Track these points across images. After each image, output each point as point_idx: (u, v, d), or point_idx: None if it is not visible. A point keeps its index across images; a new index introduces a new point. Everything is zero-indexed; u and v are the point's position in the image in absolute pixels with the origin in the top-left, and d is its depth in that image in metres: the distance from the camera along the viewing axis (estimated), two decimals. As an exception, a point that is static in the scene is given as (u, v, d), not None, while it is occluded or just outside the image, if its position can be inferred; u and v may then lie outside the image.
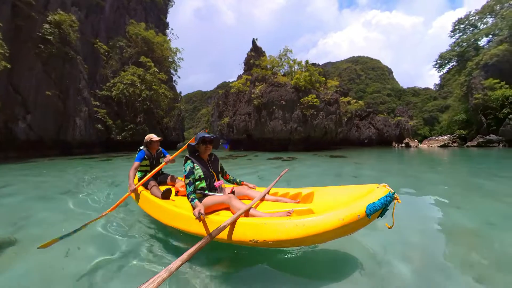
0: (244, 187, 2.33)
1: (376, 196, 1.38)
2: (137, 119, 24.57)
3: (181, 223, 1.92)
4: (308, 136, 17.83)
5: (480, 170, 7.49)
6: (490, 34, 34.62)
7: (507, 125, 22.75)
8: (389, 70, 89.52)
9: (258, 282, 1.53)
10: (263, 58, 21.73)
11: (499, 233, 2.34)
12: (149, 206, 2.39)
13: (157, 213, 2.23)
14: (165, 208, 2.12)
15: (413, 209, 3.17)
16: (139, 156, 2.91)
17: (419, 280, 1.53)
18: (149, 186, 2.72)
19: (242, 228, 1.54)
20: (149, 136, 2.99)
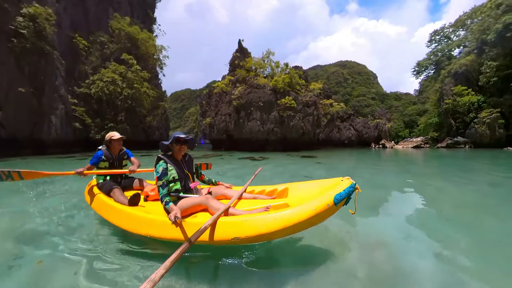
0: (221, 187, 2.32)
1: (341, 187, 1.58)
2: (118, 118, 24.11)
3: (155, 230, 1.79)
4: (285, 137, 18.57)
5: (428, 171, 8.48)
6: (462, 46, 38.14)
7: (472, 128, 25.10)
8: (374, 75, 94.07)
9: (237, 280, 1.56)
10: (248, 59, 22.39)
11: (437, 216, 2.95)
12: (115, 215, 2.15)
13: (125, 222, 2.02)
14: (135, 216, 1.95)
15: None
16: (95, 157, 2.56)
17: (378, 259, 1.81)
18: (112, 192, 2.42)
19: (223, 227, 1.57)
20: (109, 134, 2.67)
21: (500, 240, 2.26)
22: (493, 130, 23.90)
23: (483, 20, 29.31)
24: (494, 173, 7.18)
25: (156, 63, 31.13)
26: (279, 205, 1.83)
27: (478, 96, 26.52)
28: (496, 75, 25.48)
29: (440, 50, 42.12)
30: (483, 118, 24.46)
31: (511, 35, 24.00)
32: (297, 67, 22.67)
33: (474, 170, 8.15)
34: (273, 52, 21.03)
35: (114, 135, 2.66)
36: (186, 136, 2.04)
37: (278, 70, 20.86)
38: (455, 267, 1.72)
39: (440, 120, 31.47)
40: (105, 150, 2.62)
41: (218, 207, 1.77)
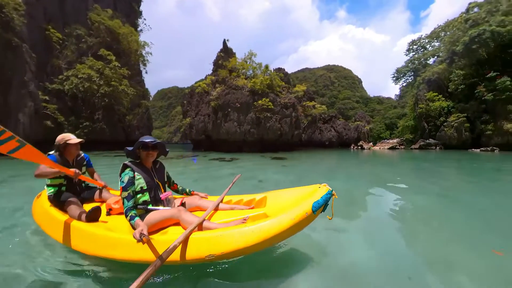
0: (195, 197, 2.14)
1: (319, 195, 1.60)
2: (95, 116, 23.24)
3: (118, 250, 1.57)
4: (262, 138, 18.90)
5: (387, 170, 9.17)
6: (436, 55, 41.38)
7: (442, 131, 27.19)
8: (359, 79, 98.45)
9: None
10: (232, 59, 22.62)
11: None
12: (68, 234, 1.81)
13: (81, 243, 1.74)
14: (93, 234, 1.69)
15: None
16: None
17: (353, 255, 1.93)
18: (66, 205, 2.06)
19: (196, 244, 1.45)
20: (63, 137, 2.22)
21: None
22: (460, 133, 26.06)
23: (454, 33, 31.95)
24: (448, 176, 7.86)
25: (139, 59, 30.37)
26: (258, 215, 1.76)
27: (448, 101, 28.77)
28: (463, 83, 27.85)
29: (417, 59, 45.24)
30: (452, 122, 26.60)
31: (476, 47, 26.36)
32: (279, 69, 23.26)
33: (433, 172, 8.80)
34: (255, 54, 21.45)
35: (70, 139, 2.21)
36: (153, 140, 1.84)
37: (259, 71, 21.26)
38: (430, 264, 1.87)
39: (415, 123, 33.76)
40: (57, 156, 2.18)
41: (191, 220, 1.62)
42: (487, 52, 25.67)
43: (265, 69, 20.94)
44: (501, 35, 24.40)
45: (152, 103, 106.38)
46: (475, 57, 26.70)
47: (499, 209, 3.54)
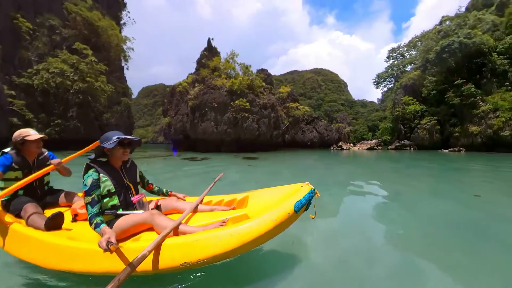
0: (173, 198, 2.01)
1: (301, 194, 1.54)
2: (69, 114, 22.06)
3: (81, 262, 1.42)
4: (239, 138, 18.97)
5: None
6: (412, 63, 44.31)
7: (415, 132, 28.99)
8: (345, 83, 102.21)
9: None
10: (215, 58, 22.60)
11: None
12: (24, 246, 1.60)
13: (39, 255, 1.53)
14: (53, 245, 1.50)
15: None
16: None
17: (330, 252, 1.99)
18: (23, 212, 1.79)
19: (170, 251, 1.33)
20: (20, 133, 1.95)
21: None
22: (431, 135, 27.96)
23: (428, 43, 34.28)
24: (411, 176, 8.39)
25: (120, 54, 29.30)
26: (238, 216, 1.68)
27: (422, 105, 30.74)
28: (435, 88, 29.90)
29: (396, 65, 48.13)
30: (424, 124, 28.46)
31: (446, 56, 28.49)
32: (262, 70, 23.57)
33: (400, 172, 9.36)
34: (237, 54, 21.61)
35: (28, 134, 1.94)
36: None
37: (240, 71, 21.41)
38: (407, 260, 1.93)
39: (393, 125, 35.76)
40: (14, 155, 1.91)
41: (165, 225, 1.49)
42: (455, 61, 27.73)
43: (245, 69, 21.11)
44: (468, 46, 26.54)
45: (136, 101, 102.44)
46: (445, 65, 28.78)
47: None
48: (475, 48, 26.32)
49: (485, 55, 26.15)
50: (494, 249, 2.10)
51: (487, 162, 11.46)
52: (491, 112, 23.24)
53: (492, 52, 26.05)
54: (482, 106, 24.22)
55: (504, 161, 12.00)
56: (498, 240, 2.28)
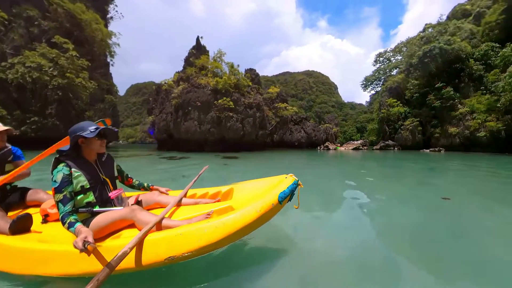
0: (155, 192, 1.91)
1: (285, 185, 1.58)
2: (47, 111, 20.95)
3: (55, 265, 1.32)
4: (223, 138, 18.68)
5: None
6: (397, 67, 46.01)
7: (399, 133, 29.91)
8: (335, 86, 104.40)
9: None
10: (202, 57, 22.23)
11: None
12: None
13: (5, 261, 1.42)
14: (21, 250, 1.38)
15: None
16: None
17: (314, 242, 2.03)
18: None
19: (153, 246, 1.29)
20: None
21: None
22: (414, 135, 28.93)
23: (411, 48, 35.71)
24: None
25: (106, 50, 28.23)
26: (223, 208, 1.67)
27: (405, 107, 31.80)
28: (417, 91, 31.04)
29: (382, 69, 49.83)
30: (407, 125, 29.42)
31: (427, 61, 29.69)
32: (250, 70, 23.48)
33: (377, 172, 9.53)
34: (224, 53, 21.39)
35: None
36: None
37: (227, 70, 21.18)
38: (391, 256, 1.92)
39: (379, 126, 36.78)
40: None
41: (147, 220, 1.41)
42: (436, 66, 28.96)
43: (231, 68, 20.90)
44: (447, 52, 27.80)
45: (124, 99, 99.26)
46: (427, 69, 29.99)
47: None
48: (454, 54, 27.61)
49: (463, 61, 27.47)
50: (456, 259, 1.88)
51: (463, 161, 11.82)
52: (468, 114, 24.33)
53: (469, 58, 27.38)
54: (460, 108, 25.33)
55: (479, 160, 12.44)
56: (462, 248, 2.05)
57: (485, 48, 26.43)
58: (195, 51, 24.32)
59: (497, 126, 21.07)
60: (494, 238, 2.30)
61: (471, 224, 2.73)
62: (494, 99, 22.24)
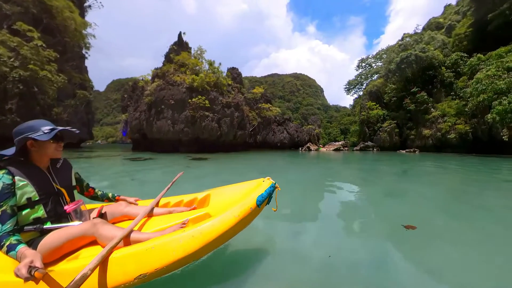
0: (121, 203, 1.67)
1: (263, 188, 1.54)
2: (7, 106, 18.71)
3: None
4: (198, 138, 17.58)
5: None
6: (378, 72, 47.84)
7: (378, 135, 30.73)
8: (321, 89, 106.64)
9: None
10: (182, 53, 20.98)
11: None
12: None
13: None
14: None
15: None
16: None
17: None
18: None
19: (120, 264, 1.10)
20: None
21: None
22: (391, 137, 29.81)
23: (390, 55, 37.18)
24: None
25: (80, 41, 25.94)
26: (200, 216, 1.55)
27: (384, 110, 32.84)
28: (395, 95, 32.23)
29: (364, 74, 51.64)
30: (385, 127, 30.29)
31: (404, 66, 30.85)
32: (233, 69, 22.69)
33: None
34: (205, 50, 20.40)
35: None
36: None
37: (206, 68, 20.19)
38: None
39: (360, 128, 37.72)
40: None
41: (112, 235, 1.22)
42: (412, 72, 30.27)
43: (211, 66, 19.95)
44: (422, 59, 29.10)
45: (104, 95, 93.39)
46: (404, 75, 31.22)
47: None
48: (428, 61, 28.96)
49: (436, 68, 28.88)
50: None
51: (434, 162, 11.89)
52: (440, 118, 25.43)
53: (441, 66, 28.85)
54: (433, 112, 26.43)
55: (448, 161, 12.63)
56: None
57: (455, 57, 27.94)
58: (177, 47, 22.95)
59: (465, 129, 22.15)
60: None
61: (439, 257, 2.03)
62: (463, 103, 23.39)
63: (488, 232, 2.44)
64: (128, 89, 22.37)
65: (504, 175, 7.25)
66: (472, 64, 23.41)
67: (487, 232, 2.44)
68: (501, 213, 3.14)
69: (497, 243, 2.17)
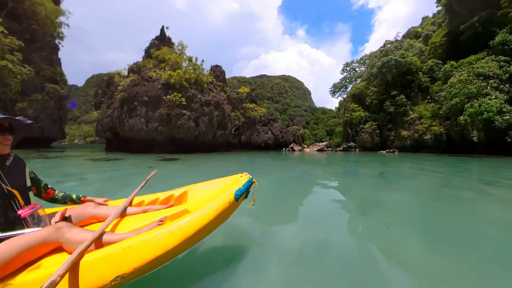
0: (88, 205, 1.46)
1: (240, 183, 1.54)
2: (-43, 98, 16.29)
3: None
4: (173, 137, 16.26)
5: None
6: (361, 77, 49.08)
7: (360, 136, 31.17)
8: (309, 91, 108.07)
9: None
10: (163, 48, 19.46)
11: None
12: None
13: None
14: None
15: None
16: None
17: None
18: None
19: (93, 267, 1.00)
20: None
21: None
22: (372, 138, 30.28)
23: (373, 60, 38.11)
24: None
25: (51, 30, 23.49)
26: (178, 213, 1.47)
27: (366, 112, 33.47)
28: (376, 98, 32.96)
29: (348, 78, 52.90)
30: (367, 129, 30.75)
31: (385, 71, 31.60)
32: (216, 66, 21.59)
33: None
34: (186, 46, 19.12)
35: None
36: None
37: (185, 64, 18.90)
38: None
39: (343, 129, 38.20)
40: None
41: (80, 238, 1.07)
42: (392, 76, 31.13)
43: (190, 62, 18.70)
44: (401, 64, 29.98)
45: (83, 91, 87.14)
46: (385, 79, 32.01)
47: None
48: (407, 66, 29.93)
49: (414, 74, 29.90)
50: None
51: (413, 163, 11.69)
52: (417, 120, 26.14)
53: (418, 71, 29.91)
54: (411, 114, 27.12)
55: (425, 161, 12.62)
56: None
57: (431, 63, 29.07)
58: (158, 41, 21.41)
59: (439, 130, 22.86)
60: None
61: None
62: (437, 107, 24.17)
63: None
64: (103, 84, 20.38)
65: (471, 174, 6.96)
66: (446, 70, 24.29)
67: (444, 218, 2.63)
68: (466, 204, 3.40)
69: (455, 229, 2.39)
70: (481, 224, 2.58)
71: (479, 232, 2.33)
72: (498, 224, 2.55)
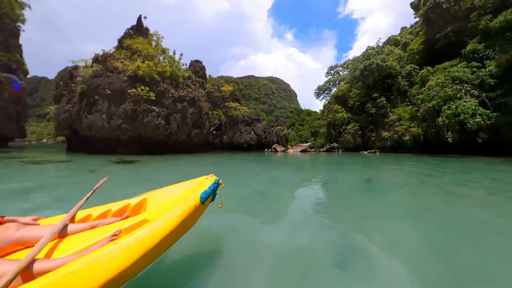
0: (9, 226, 1.09)
1: (206, 185, 1.45)
2: None
3: None
4: (139, 136, 14.20)
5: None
6: (344, 80, 49.77)
7: (342, 136, 31.02)
8: (295, 93, 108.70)
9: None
10: (138, 39, 17.10)
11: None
12: None
13: None
14: None
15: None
16: None
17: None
18: None
19: None
20: None
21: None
22: (355, 139, 30.19)
23: (355, 64, 38.46)
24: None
25: (11, 12, 20.02)
26: (135, 224, 1.24)
27: (348, 113, 33.53)
28: (358, 100, 33.13)
29: (332, 81, 53.54)
30: (349, 130, 30.65)
31: (367, 73, 31.82)
32: (196, 61, 19.77)
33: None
34: (162, 37, 17.08)
35: None
36: None
37: (161, 58, 16.84)
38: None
39: (327, 130, 38.07)
40: None
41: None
42: (373, 79, 31.44)
43: (164, 54, 16.65)
44: (382, 68, 30.32)
45: (54, 84, 79.05)
46: (367, 82, 32.24)
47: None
48: (387, 71, 30.37)
49: (393, 78, 30.42)
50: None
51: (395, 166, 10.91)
52: (397, 121, 26.37)
53: (398, 75, 30.50)
54: (391, 116, 27.32)
55: (405, 162, 12.22)
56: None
57: (409, 68, 29.77)
58: (133, 31, 19.02)
59: (417, 131, 23.11)
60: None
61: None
62: (415, 109, 24.52)
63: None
64: (66, 76, 17.55)
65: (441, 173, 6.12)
66: (423, 75, 24.83)
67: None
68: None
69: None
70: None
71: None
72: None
